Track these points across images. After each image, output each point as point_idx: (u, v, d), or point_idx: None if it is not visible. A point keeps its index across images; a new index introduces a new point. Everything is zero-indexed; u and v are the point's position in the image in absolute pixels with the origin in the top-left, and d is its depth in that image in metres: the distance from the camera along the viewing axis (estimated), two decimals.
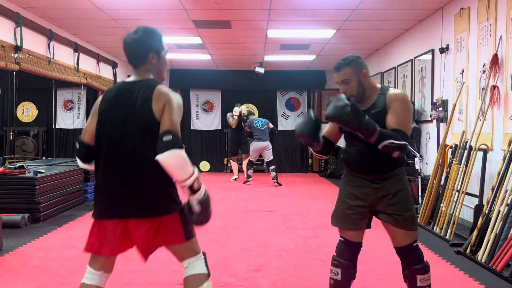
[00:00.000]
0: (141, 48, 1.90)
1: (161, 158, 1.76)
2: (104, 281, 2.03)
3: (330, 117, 2.23)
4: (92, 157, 1.99)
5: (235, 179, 9.11)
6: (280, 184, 8.34)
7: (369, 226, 2.42)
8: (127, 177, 1.86)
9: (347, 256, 2.39)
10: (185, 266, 2.00)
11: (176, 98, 1.89)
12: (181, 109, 1.93)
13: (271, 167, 8.47)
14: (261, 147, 8.42)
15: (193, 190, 1.83)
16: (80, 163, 2.04)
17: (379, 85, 2.38)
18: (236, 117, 8.86)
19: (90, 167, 2.03)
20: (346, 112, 2.13)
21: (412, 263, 2.32)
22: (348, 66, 2.27)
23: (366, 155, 2.28)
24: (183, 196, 1.94)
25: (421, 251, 2.37)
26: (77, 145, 2.00)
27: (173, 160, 1.77)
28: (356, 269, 2.46)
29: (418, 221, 4.99)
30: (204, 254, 2.05)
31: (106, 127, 1.91)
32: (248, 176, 8.56)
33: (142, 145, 1.85)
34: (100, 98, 1.99)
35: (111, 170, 1.89)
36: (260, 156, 8.74)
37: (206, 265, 2.02)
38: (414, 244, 2.31)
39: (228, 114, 9.20)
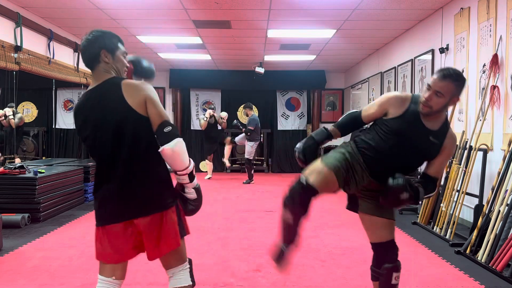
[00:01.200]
0: (93, 47, 1.90)
1: (170, 147, 1.78)
2: None
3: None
4: None
5: (209, 178, 9.29)
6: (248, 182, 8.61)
7: (345, 189, 2.29)
8: (125, 180, 1.86)
9: (305, 202, 2.28)
10: (169, 276, 2.00)
11: (149, 87, 1.89)
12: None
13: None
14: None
15: (192, 177, 1.89)
16: None
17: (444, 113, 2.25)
18: (207, 119, 9.12)
19: None
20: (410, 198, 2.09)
21: (389, 259, 2.30)
22: (454, 83, 2.08)
23: (392, 165, 2.17)
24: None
25: (397, 247, 2.34)
26: None
27: (180, 148, 1.81)
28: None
29: (418, 221, 5.00)
30: (190, 262, 2.05)
31: (91, 140, 1.90)
32: (251, 176, 8.66)
33: (133, 145, 1.85)
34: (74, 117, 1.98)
35: (108, 177, 1.89)
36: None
37: (191, 275, 2.02)
38: (394, 240, 2.30)
39: (200, 117, 9.57)
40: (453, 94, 2.10)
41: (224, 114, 9.57)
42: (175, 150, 1.80)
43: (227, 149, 9.39)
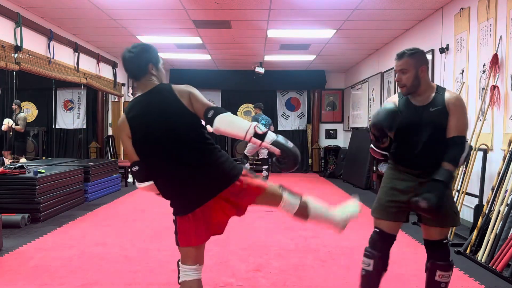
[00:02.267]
0: (140, 61, 2.07)
1: (215, 126, 1.97)
2: (200, 273, 2.11)
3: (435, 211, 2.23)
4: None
5: None
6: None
7: (407, 220, 2.44)
8: (190, 167, 2.00)
9: (380, 247, 2.40)
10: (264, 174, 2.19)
11: (191, 87, 2.09)
12: None
13: (264, 167, 8.23)
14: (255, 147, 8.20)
15: (259, 136, 1.97)
16: (142, 184, 2.10)
17: (434, 84, 2.41)
18: None
19: (150, 183, 2.09)
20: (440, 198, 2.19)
21: (437, 257, 2.39)
22: (410, 57, 2.32)
23: (421, 151, 2.32)
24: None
25: (449, 249, 2.45)
26: (136, 169, 2.06)
27: (223, 122, 1.97)
28: (388, 261, 2.45)
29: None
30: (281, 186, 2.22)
31: (150, 141, 2.02)
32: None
33: (193, 133, 2.02)
34: (121, 121, 2.08)
35: (174, 170, 2.02)
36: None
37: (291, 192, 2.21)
38: (444, 241, 2.39)
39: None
40: (415, 66, 2.33)
41: None
42: (219, 127, 1.97)
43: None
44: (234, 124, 2.00)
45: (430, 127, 2.30)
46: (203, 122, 2.07)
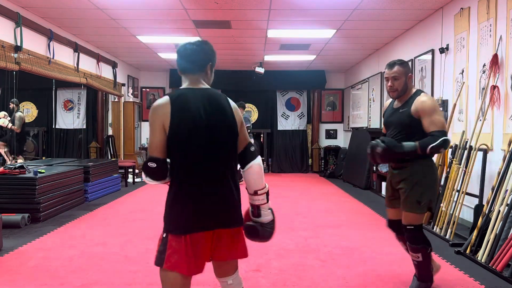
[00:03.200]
0: (203, 56, 1.95)
1: (258, 162, 1.96)
2: None
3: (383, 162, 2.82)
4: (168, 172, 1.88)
5: None
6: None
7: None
8: (219, 185, 1.88)
9: (397, 231, 2.96)
10: (229, 283, 2.02)
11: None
12: None
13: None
14: None
15: (268, 196, 1.99)
16: (155, 182, 1.87)
17: (415, 89, 2.84)
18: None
19: (165, 182, 1.89)
20: (392, 152, 2.66)
21: (406, 239, 2.83)
22: (400, 66, 2.77)
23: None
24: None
25: (419, 235, 2.78)
26: (153, 166, 1.81)
27: (260, 166, 1.98)
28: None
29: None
30: None
31: (199, 140, 1.83)
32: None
33: (232, 153, 1.94)
34: (162, 106, 1.84)
35: (204, 180, 1.85)
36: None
37: None
38: (407, 227, 2.78)
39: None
40: (405, 73, 2.77)
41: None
42: (261, 166, 1.98)
43: None
44: (262, 173, 1.98)
45: (397, 126, 2.79)
46: None
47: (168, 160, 1.85)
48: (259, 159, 1.97)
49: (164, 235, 1.87)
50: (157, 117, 1.83)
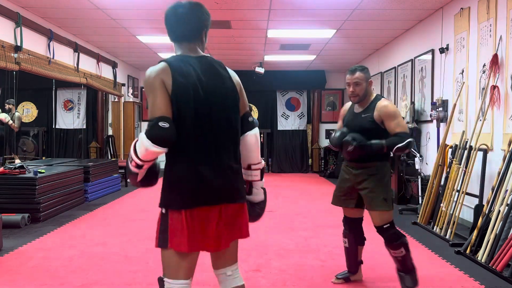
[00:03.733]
0: (198, 22, 1.78)
1: (254, 133, 1.86)
2: None
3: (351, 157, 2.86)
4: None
5: None
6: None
7: (358, 206, 2.97)
8: (224, 156, 1.74)
9: (349, 228, 3.05)
10: (228, 274, 1.85)
11: None
12: None
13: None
14: None
15: (263, 174, 1.90)
16: (162, 149, 1.63)
17: (375, 94, 2.95)
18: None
19: (165, 150, 1.66)
20: (361, 149, 2.74)
21: (385, 240, 2.84)
22: (362, 72, 2.86)
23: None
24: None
25: (396, 231, 2.84)
26: (165, 125, 1.59)
27: (257, 137, 1.88)
28: (363, 237, 3.07)
29: (418, 221, 5.00)
30: None
31: (195, 103, 1.67)
32: None
33: (237, 123, 1.81)
34: (161, 68, 1.69)
35: (208, 149, 1.70)
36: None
37: None
38: (384, 226, 2.83)
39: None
40: (366, 79, 2.87)
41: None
42: (258, 138, 1.88)
43: None
44: (258, 145, 1.88)
45: (358, 130, 2.83)
46: None
47: None
48: (256, 130, 1.87)
49: (164, 211, 1.72)
50: (158, 79, 1.66)
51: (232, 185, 1.76)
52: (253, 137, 1.86)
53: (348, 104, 3.08)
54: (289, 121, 11.20)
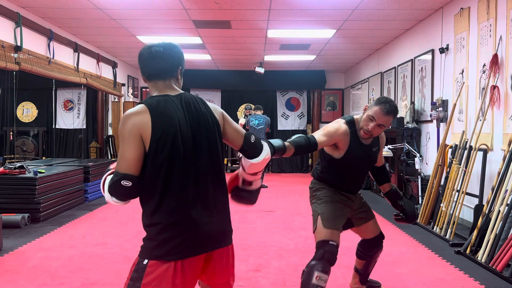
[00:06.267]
0: (172, 60, 1.74)
1: (266, 154, 1.84)
2: None
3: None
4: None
5: None
6: (265, 186, 7.92)
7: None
8: (211, 198, 1.67)
9: (335, 260, 2.45)
10: None
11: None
12: None
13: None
14: None
15: (264, 175, 1.94)
16: (121, 202, 1.66)
17: None
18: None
19: (126, 203, 1.69)
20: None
21: (381, 247, 2.84)
22: (393, 117, 2.47)
23: (360, 180, 2.73)
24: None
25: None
26: (127, 184, 1.54)
27: (269, 154, 1.87)
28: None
29: (418, 221, 5.00)
30: None
31: (178, 148, 1.59)
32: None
33: (221, 162, 1.73)
34: (140, 116, 1.59)
35: (197, 196, 1.62)
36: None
37: None
38: (381, 232, 2.82)
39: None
40: (390, 123, 2.53)
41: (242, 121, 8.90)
42: (269, 155, 1.86)
43: None
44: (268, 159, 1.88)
45: (371, 163, 2.68)
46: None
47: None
48: (267, 148, 1.86)
49: (145, 262, 1.57)
50: (134, 127, 1.56)
51: (223, 229, 1.71)
52: (266, 161, 1.85)
53: (344, 128, 2.52)
54: (289, 121, 11.20)
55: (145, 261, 1.57)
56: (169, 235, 1.57)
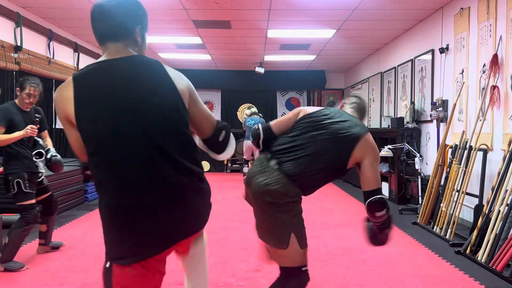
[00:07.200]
0: (130, 18, 1.43)
1: (229, 154, 1.74)
2: None
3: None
4: None
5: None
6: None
7: None
8: (168, 195, 1.38)
9: None
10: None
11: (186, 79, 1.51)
12: None
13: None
14: (251, 145, 8.33)
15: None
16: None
17: None
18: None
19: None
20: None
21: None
22: None
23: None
24: None
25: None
26: (89, 172, 1.45)
27: (234, 146, 1.76)
28: None
29: (418, 221, 5.00)
30: None
31: (113, 133, 1.32)
32: (244, 174, 8.55)
33: (181, 145, 1.42)
34: (64, 92, 1.37)
35: (137, 193, 1.35)
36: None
37: None
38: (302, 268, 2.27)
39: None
40: None
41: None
42: (231, 152, 1.76)
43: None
44: (232, 151, 1.78)
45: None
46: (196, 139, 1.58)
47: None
48: (230, 149, 1.70)
49: (108, 265, 1.40)
50: (58, 108, 1.35)
51: (186, 222, 1.46)
52: (225, 158, 1.75)
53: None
54: None
55: (108, 264, 1.41)
56: (114, 235, 1.38)
